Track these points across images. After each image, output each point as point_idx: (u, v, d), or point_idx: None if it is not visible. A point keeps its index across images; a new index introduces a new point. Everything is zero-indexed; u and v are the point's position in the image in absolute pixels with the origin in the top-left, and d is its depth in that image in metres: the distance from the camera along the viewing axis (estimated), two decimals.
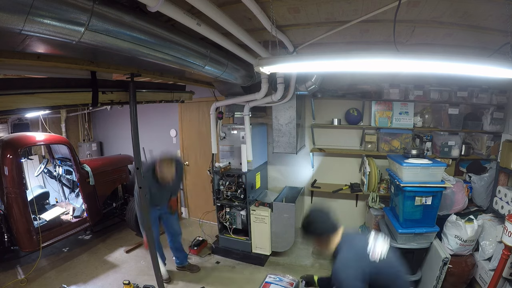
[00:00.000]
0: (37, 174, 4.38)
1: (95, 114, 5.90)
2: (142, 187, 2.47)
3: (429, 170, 2.61)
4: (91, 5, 1.13)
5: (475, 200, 3.11)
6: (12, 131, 4.41)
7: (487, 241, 2.66)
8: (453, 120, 3.21)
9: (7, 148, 3.10)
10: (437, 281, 2.55)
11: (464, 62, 1.29)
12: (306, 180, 4.06)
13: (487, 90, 3.10)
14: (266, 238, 3.41)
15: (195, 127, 4.67)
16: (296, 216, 3.37)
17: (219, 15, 1.50)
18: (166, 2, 1.26)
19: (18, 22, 0.97)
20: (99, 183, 3.99)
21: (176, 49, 1.72)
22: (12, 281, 3.07)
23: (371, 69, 1.59)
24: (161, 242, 3.27)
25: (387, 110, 3.43)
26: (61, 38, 1.14)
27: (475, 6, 1.59)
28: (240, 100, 3.29)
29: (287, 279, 2.67)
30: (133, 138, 2.39)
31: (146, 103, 3.04)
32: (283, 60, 1.51)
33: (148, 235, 2.55)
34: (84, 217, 3.84)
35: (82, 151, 5.58)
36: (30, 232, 3.16)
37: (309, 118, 3.86)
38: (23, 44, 1.59)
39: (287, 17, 1.89)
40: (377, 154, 3.53)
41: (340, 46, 2.45)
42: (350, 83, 3.47)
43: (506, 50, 1.67)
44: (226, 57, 2.33)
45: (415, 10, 1.69)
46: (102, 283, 3.14)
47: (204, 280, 3.21)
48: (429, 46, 2.31)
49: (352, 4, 1.65)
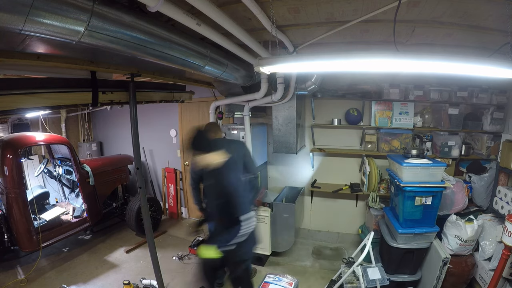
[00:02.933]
0: (37, 174, 4.38)
1: (95, 114, 5.90)
2: (142, 187, 2.47)
3: (429, 170, 2.61)
4: (91, 5, 1.13)
5: (475, 200, 3.11)
6: (12, 131, 4.41)
7: (487, 241, 2.66)
8: (453, 120, 3.21)
9: (7, 148, 3.10)
10: (437, 281, 2.55)
11: (464, 62, 1.29)
12: (306, 180, 4.06)
13: (487, 90, 3.10)
14: (266, 238, 3.40)
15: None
16: (296, 216, 3.37)
17: (219, 15, 1.50)
18: (166, 2, 1.26)
19: (18, 22, 0.97)
20: (99, 183, 3.99)
21: (176, 49, 1.72)
22: (12, 281, 3.07)
23: (371, 69, 1.59)
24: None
25: (387, 110, 3.43)
26: (61, 38, 1.14)
27: (475, 6, 1.59)
28: (240, 100, 3.29)
29: (286, 279, 2.67)
30: (133, 138, 2.39)
31: (146, 103, 3.04)
32: (283, 60, 1.52)
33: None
34: (84, 217, 3.84)
35: (82, 151, 5.58)
36: (30, 232, 3.15)
37: (309, 118, 3.86)
38: (23, 44, 1.59)
39: (287, 17, 1.89)
40: (377, 154, 3.53)
41: (340, 46, 2.46)
42: (350, 83, 3.47)
43: (506, 50, 1.67)
44: (226, 57, 2.32)
45: (415, 10, 1.69)
46: (102, 283, 3.14)
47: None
48: (429, 46, 2.31)
49: (352, 4, 1.65)
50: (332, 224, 4.09)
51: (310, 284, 3.01)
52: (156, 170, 5.22)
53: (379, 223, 3.16)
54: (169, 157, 4.97)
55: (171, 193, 4.97)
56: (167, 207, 5.07)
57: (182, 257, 3.64)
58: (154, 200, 4.49)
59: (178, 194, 4.93)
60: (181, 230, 4.52)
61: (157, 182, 5.22)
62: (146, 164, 5.14)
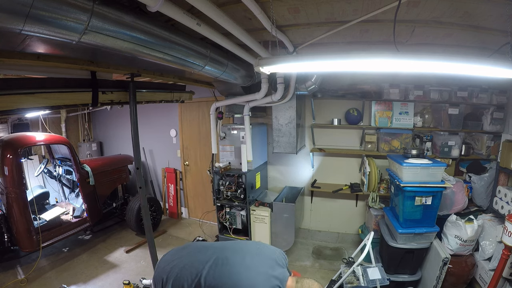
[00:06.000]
0: (37, 174, 4.38)
1: (95, 114, 5.90)
2: (142, 187, 2.47)
3: (429, 170, 2.61)
4: (91, 5, 1.13)
5: (475, 200, 3.11)
6: (12, 131, 4.42)
7: (487, 241, 2.66)
8: (453, 120, 3.21)
9: (7, 148, 3.10)
10: (437, 281, 2.55)
11: (464, 62, 1.28)
12: (306, 180, 4.06)
13: (487, 90, 3.10)
14: (266, 238, 3.40)
15: (195, 127, 4.67)
16: (296, 216, 3.37)
17: (219, 15, 1.50)
18: (166, 2, 1.26)
19: (18, 22, 0.97)
20: (99, 183, 3.99)
21: (176, 49, 1.72)
22: (12, 281, 3.07)
23: (371, 69, 1.59)
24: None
25: (387, 110, 3.43)
26: (61, 38, 1.14)
27: (475, 6, 1.59)
28: (240, 100, 3.29)
29: None
30: (133, 138, 2.39)
31: (146, 103, 3.04)
32: (283, 60, 1.51)
33: None
34: (84, 217, 3.84)
35: (82, 151, 5.58)
36: (30, 232, 3.15)
37: (309, 118, 3.86)
38: (23, 44, 1.59)
39: (287, 17, 1.89)
40: (377, 154, 3.53)
41: (340, 46, 2.45)
42: (350, 83, 3.47)
43: (506, 50, 1.67)
44: (226, 57, 2.32)
45: (415, 10, 1.69)
46: (102, 283, 3.14)
47: None
48: (429, 46, 2.30)
49: (352, 4, 1.65)
50: (332, 224, 4.09)
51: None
52: (156, 170, 5.22)
53: (379, 223, 3.16)
54: (169, 157, 4.97)
55: (171, 193, 4.97)
56: (167, 207, 5.07)
57: None
58: (154, 200, 4.49)
59: (178, 194, 4.93)
60: (181, 230, 4.53)
61: (157, 182, 5.22)
62: (146, 164, 5.14)
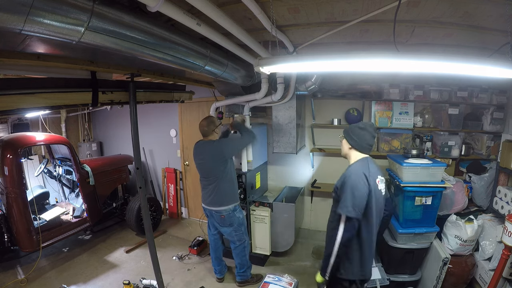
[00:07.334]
0: (37, 174, 4.38)
1: (95, 114, 5.90)
2: (142, 187, 2.47)
3: (429, 170, 2.61)
4: (91, 5, 1.13)
5: (475, 200, 3.11)
6: (12, 131, 4.41)
7: (487, 241, 2.66)
8: (453, 120, 3.20)
9: (7, 148, 3.10)
10: (437, 281, 2.55)
11: (464, 62, 1.28)
12: (306, 180, 4.06)
13: (487, 90, 3.10)
14: (266, 238, 3.40)
15: (195, 127, 4.65)
16: (296, 216, 3.37)
17: (219, 15, 1.50)
18: (166, 2, 1.26)
19: (18, 22, 0.97)
20: (99, 183, 3.99)
21: (176, 49, 1.72)
22: (12, 281, 3.07)
23: (371, 69, 1.59)
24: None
25: (387, 110, 3.43)
26: (61, 38, 1.14)
27: (475, 6, 1.59)
28: (240, 100, 3.29)
29: (286, 279, 2.67)
30: (133, 138, 2.39)
31: (146, 103, 3.04)
32: (283, 60, 1.51)
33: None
34: (84, 217, 3.84)
35: (82, 151, 5.58)
36: (30, 232, 3.15)
37: (309, 118, 3.86)
38: (23, 44, 1.59)
39: (287, 17, 1.89)
40: (377, 154, 3.53)
41: (340, 46, 2.45)
42: (350, 83, 3.47)
43: (506, 50, 1.67)
44: (226, 57, 2.33)
45: (415, 10, 1.69)
46: (102, 283, 3.14)
47: (204, 279, 3.22)
48: (429, 46, 2.30)
49: (352, 4, 1.65)
50: None
51: (310, 284, 3.01)
52: (156, 170, 5.22)
53: None
54: (169, 157, 4.97)
55: (171, 193, 4.97)
56: (167, 207, 5.07)
57: (182, 257, 3.64)
58: (154, 200, 4.49)
59: (178, 194, 4.93)
60: (181, 230, 4.53)
61: (157, 182, 5.22)
62: (146, 164, 5.14)
